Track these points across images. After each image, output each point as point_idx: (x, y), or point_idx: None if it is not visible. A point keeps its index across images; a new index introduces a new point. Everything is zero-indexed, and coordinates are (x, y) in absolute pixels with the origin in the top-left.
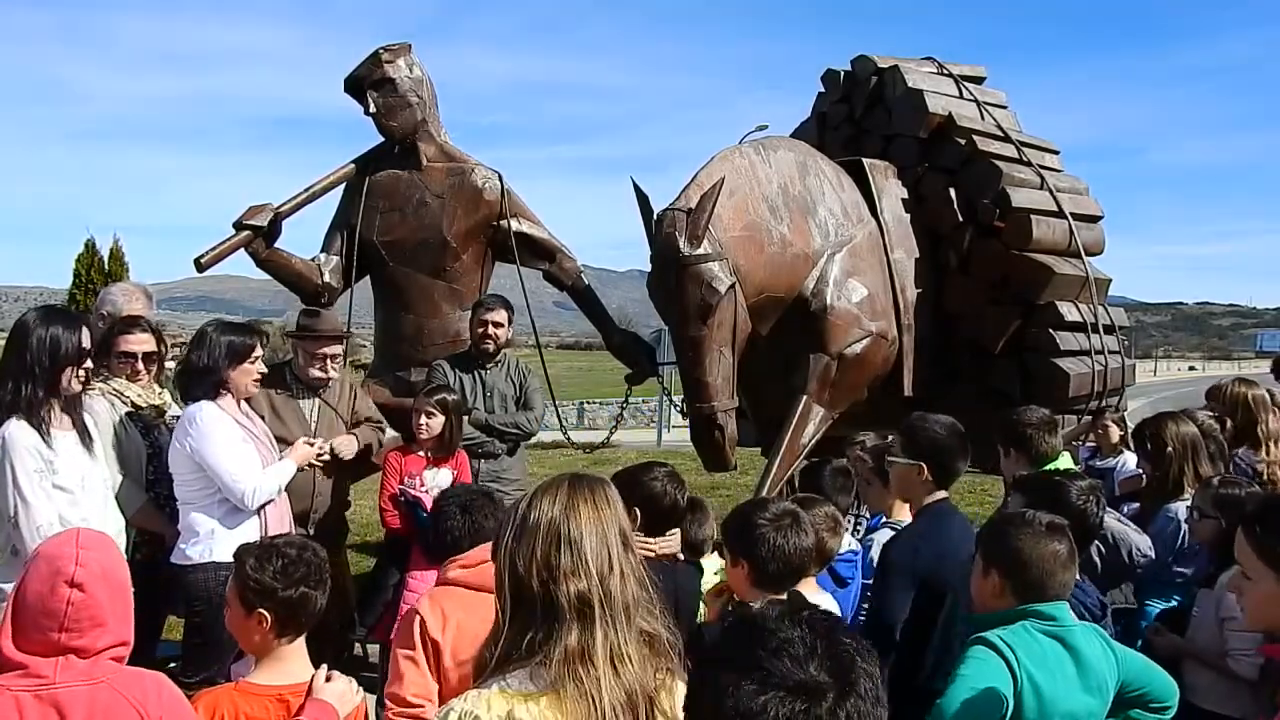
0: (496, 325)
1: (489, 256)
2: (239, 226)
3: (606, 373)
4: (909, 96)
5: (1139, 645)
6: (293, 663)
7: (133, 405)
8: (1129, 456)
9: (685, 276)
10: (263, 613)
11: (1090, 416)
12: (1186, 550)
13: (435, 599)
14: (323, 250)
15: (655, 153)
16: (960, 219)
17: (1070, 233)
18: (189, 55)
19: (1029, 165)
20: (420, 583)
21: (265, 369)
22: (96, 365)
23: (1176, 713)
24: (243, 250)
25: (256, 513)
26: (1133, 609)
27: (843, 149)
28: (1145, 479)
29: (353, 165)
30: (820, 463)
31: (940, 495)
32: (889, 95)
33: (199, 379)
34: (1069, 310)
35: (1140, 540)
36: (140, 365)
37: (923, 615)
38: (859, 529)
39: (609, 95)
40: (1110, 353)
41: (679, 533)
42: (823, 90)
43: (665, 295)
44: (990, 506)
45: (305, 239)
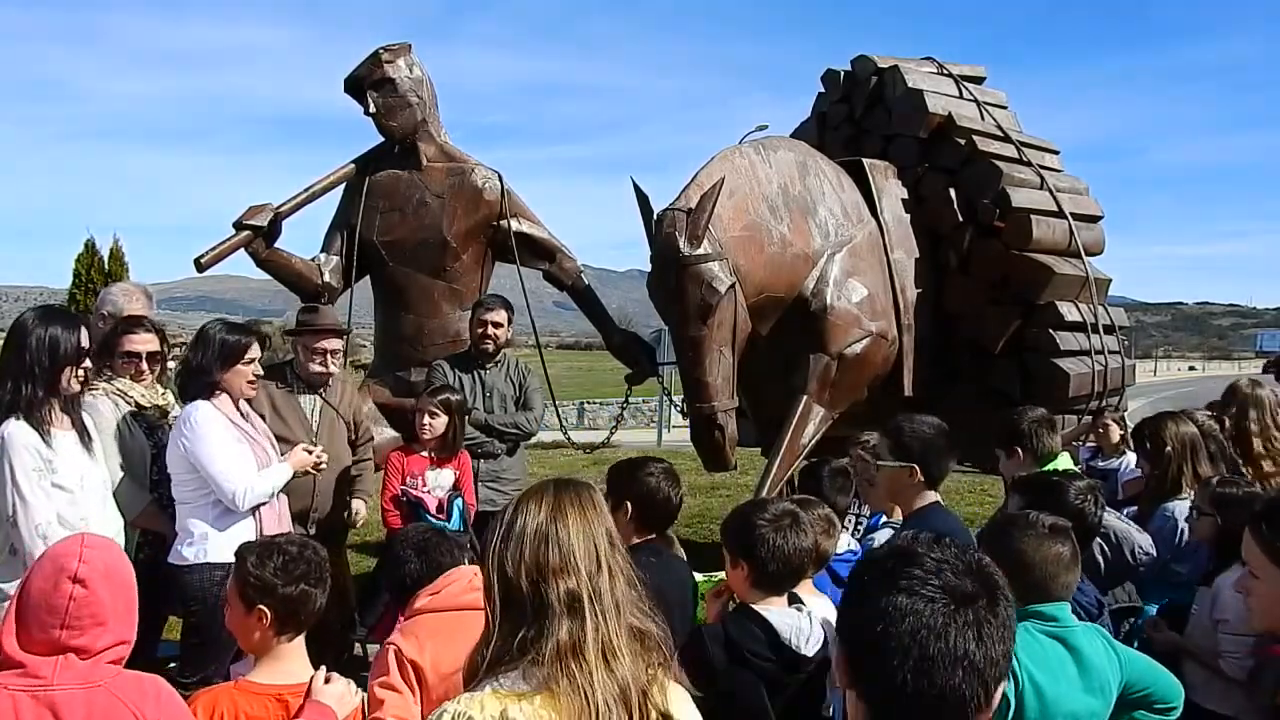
0: (496, 325)
1: (489, 256)
2: (239, 226)
3: (606, 373)
4: (909, 96)
5: (1138, 644)
6: (292, 663)
7: (136, 405)
8: (1132, 458)
9: (685, 276)
10: (263, 610)
11: (1090, 416)
12: (1185, 549)
13: (407, 631)
14: (323, 250)
15: (655, 153)
16: (960, 219)
17: (1070, 233)
18: (189, 55)
19: (1029, 165)
20: None
21: (261, 370)
22: (100, 365)
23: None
24: (243, 250)
25: (251, 514)
26: (1137, 607)
27: (843, 149)
28: (1144, 478)
29: (353, 165)
30: (820, 463)
31: (932, 497)
32: (889, 95)
33: (195, 379)
34: (1069, 310)
35: (1142, 539)
36: (144, 365)
37: None
38: (859, 529)
39: (609, 95)
40: (1110, 353)
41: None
42: (823, 90)
43: (665, 295)
44: (990, 506)
45: (305, 239)
